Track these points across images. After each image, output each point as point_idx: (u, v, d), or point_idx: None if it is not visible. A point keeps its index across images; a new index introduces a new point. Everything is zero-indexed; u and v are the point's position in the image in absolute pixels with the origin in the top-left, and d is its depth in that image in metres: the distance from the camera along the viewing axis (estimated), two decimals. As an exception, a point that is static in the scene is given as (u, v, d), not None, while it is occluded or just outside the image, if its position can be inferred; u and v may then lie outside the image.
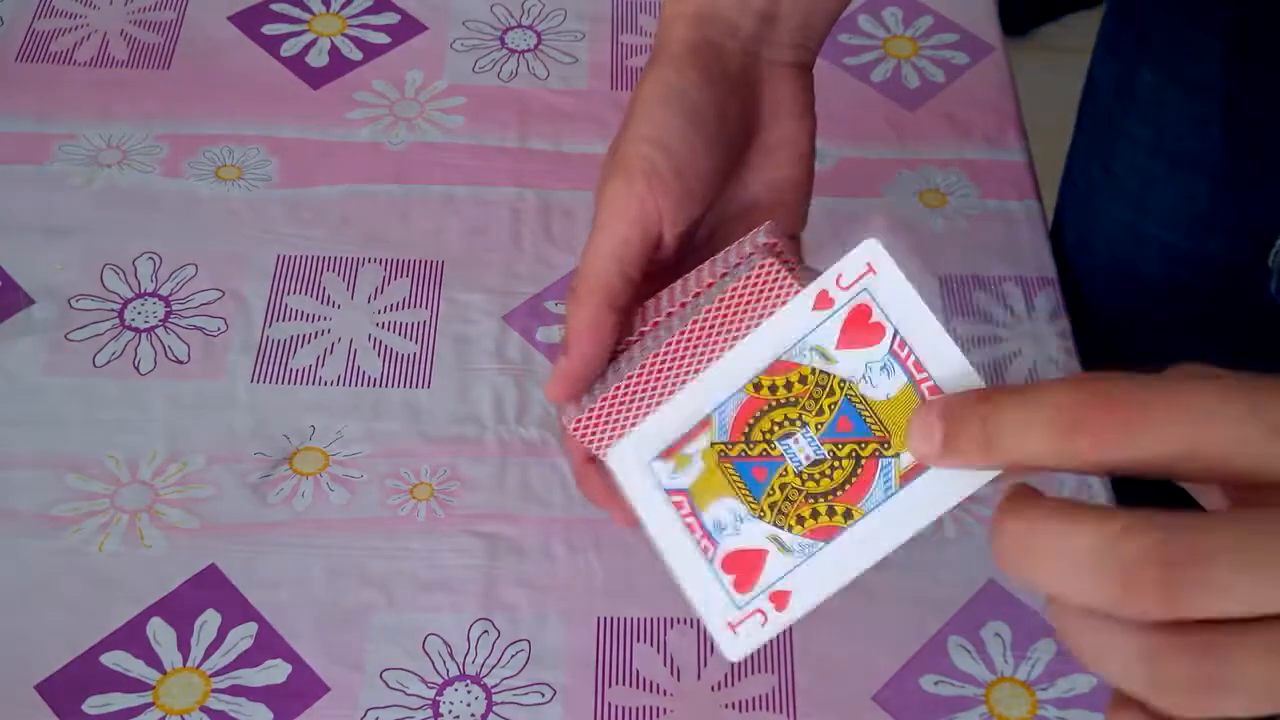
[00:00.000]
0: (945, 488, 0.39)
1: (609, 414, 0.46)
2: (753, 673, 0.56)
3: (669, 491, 0.43)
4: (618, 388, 0.46)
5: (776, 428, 0.42)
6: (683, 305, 0.48)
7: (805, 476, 0.41)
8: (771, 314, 0.43)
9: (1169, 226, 0.72)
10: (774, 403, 0.42)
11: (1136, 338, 0.77)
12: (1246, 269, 0.69)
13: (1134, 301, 0.76)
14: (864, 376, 0.41)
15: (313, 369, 0.65)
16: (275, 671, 0.56)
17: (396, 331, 0.67)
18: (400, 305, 0.68)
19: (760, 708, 0.55)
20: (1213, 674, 0.30)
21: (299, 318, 0.67)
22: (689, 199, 0.49)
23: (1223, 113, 0.65)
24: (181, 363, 0.65)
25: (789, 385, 0.42)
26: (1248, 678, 0.30)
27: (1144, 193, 0.72)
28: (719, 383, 0.43)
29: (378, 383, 0.65)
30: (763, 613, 0.42)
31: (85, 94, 0.76)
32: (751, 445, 0.42)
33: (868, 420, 0.41)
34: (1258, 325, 0.71)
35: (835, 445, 0.41)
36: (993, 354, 0.67)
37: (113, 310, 0.67)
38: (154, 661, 0.56)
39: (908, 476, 0.40)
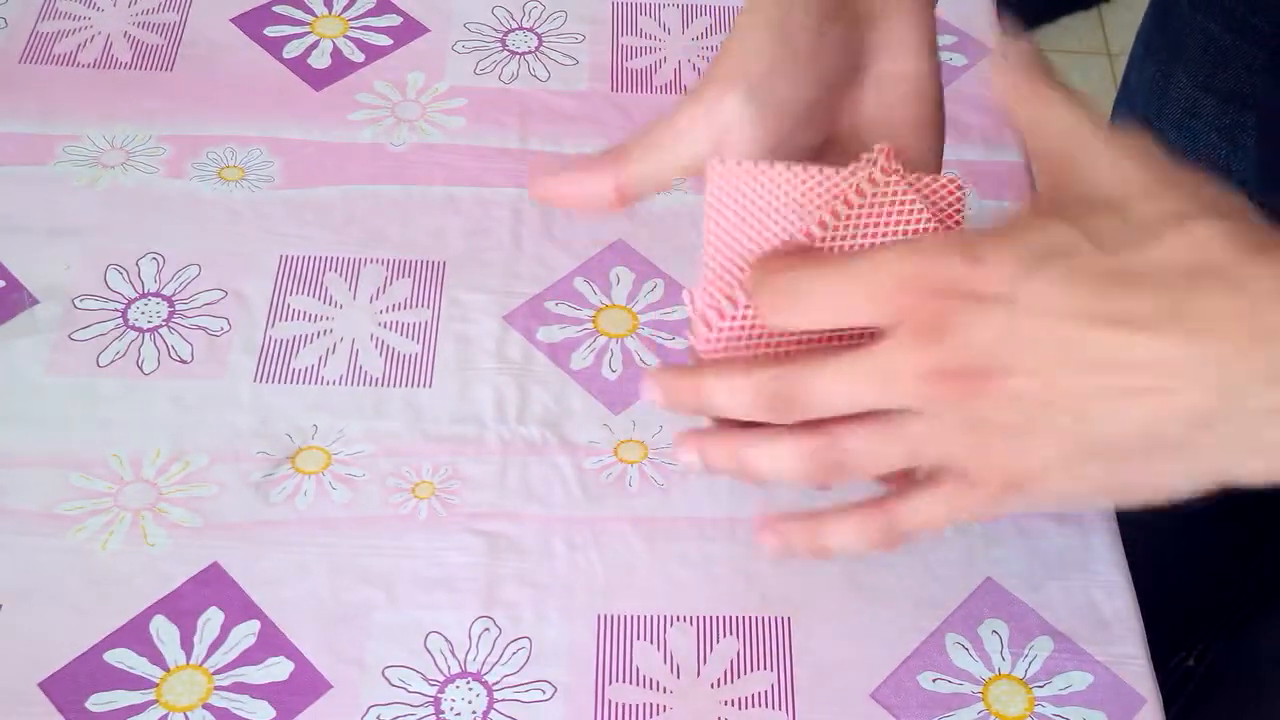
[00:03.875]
0: None
1: (737, 336, 0.47)
2: (752, 670, 0.57)
3: None
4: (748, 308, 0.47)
5: None
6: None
7: None
8: (897, 233, 0.46)
9: None
10: None
11: None
12: None
13: None
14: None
15: (315, 369, 0.65)
16: (278, 669, 0.56)
17: (398, 331, 0.67)
18: (402, 305, 0.68)
19: (759, 705, 0.56)
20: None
21: (301, 318, 0.67)
22: (770, 121, 0.48)
23: (1260, 122, 0.65)
24: (184, 362, 0.65)
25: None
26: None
27: None
28: None
29: (379, 382, 0.65)
30: None
31: (88, 95, 0.76)
32: None
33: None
34: None
35: None
36: (990, 354, 0.68)
37: (116, 310, 0.67)
38: (157, 659, 0.56)
39: None
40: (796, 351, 0.47)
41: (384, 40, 0.80)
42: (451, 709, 0.55)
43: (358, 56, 0.80)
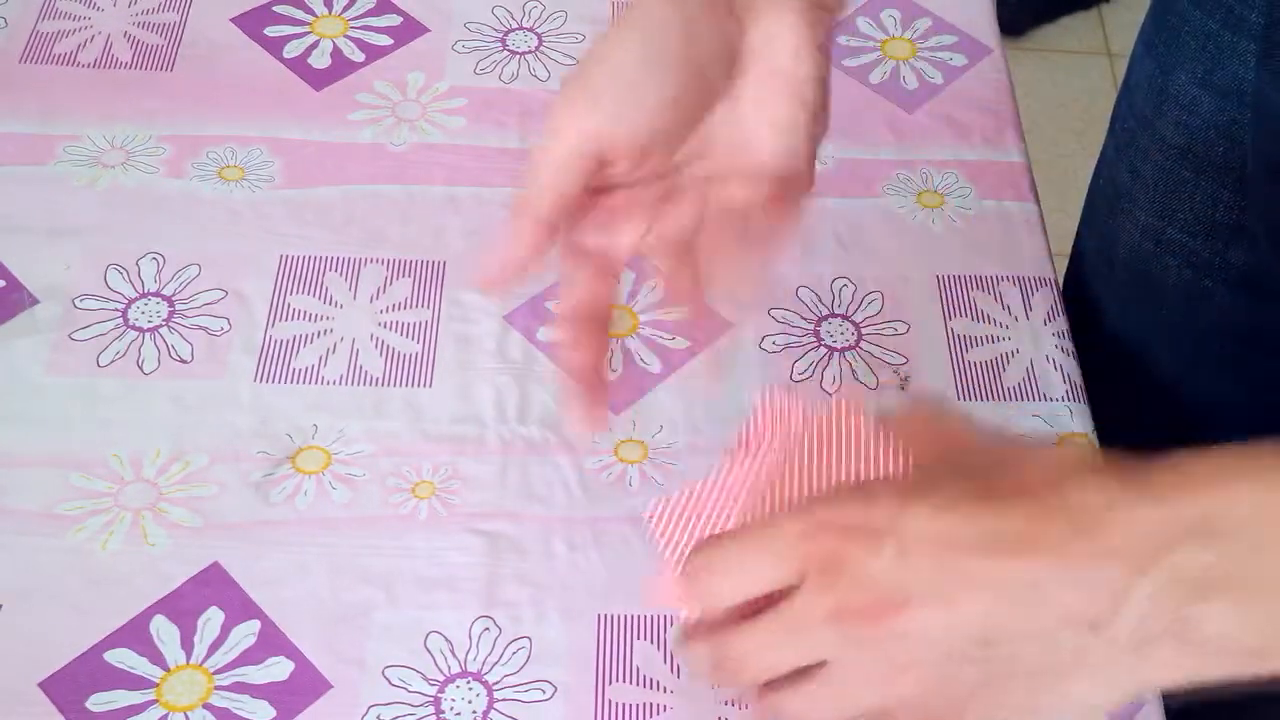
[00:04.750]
0: None
1: (682, 510, 0.51)
2: (752, 670, 0.57)
3: None
4: (695, 487, 0.51)
5: None
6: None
7: None
8: (847, 448, 0.50)
9: (1192, 233, 0.72)
10: None
11: (1153, 354, 0.77)
12: (1269, 278, 0.69)
13: (1151, 315, 0.76)
14: None
15: (315, 368, 0.66)
16: (278, 669, 0.56)
17: (398, 331, 0.67)
18: (402, 305, 0.68)
19: (759, 705, 0.56)
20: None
21: (301, 317, 0.67)
22: (634, 117, 0.50)
23: (1255, 118, 0.65)
24: (185, 362, 0.65)
25: None
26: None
27: (1169, 197, 0.72)
28: None
29: (380, 382, 0.65)
30: None
31: (89, 95, 0.76)
32: None
33: None
34: (1277, 335, 0.71)
35: None
36: (990, 353, 0.68)
37: (116, 310, 0.67)
38: (157, 659, 0.56)
39: None
40: None
41: (384, 40, 0.80)
42: (452, 709, 0.55)
43: (358, 56, 0.80)
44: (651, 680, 0.56)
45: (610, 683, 0.56)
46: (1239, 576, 0.41)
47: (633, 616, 0.58)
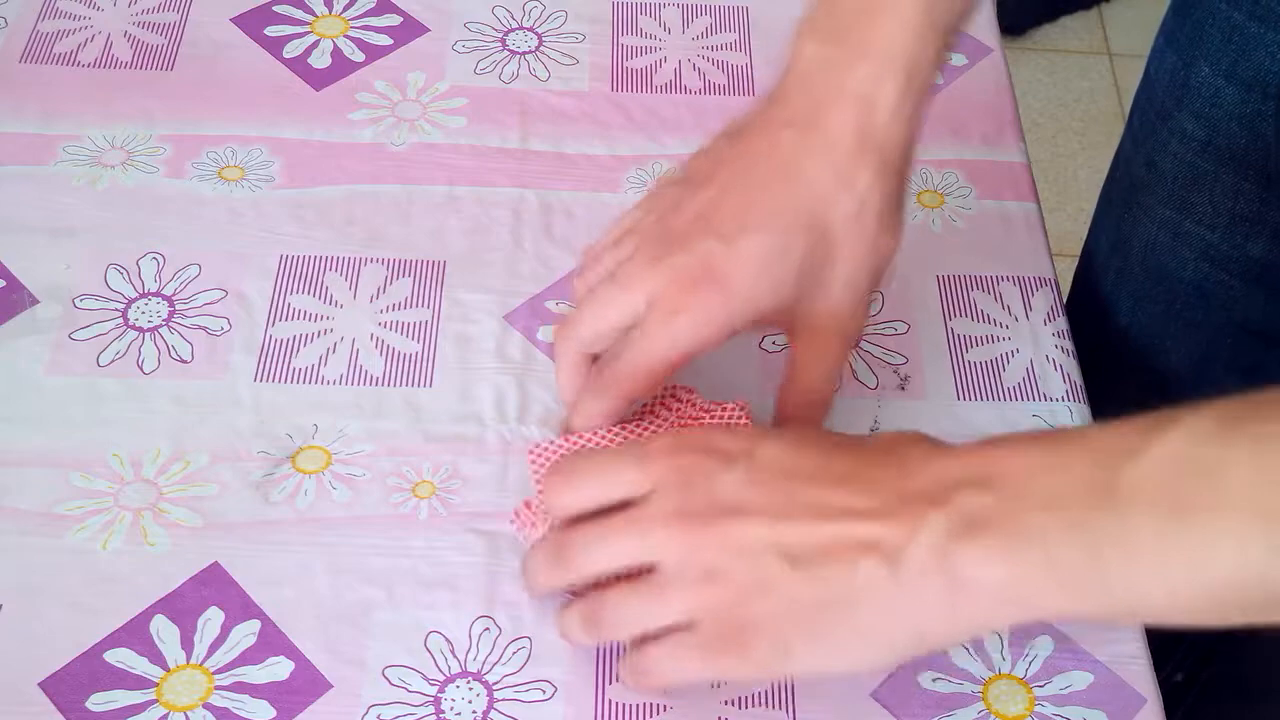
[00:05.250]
0: None
1: (554, 455, 0.59)
2: (752, 670, 0.57)
3: None
4: (567, 441, 0.59)
5: None
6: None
7: None
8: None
9: (1210, 225, 0.72)
10: None
11: (1164, 351, 0.77)
12: None
13: (1164, 310, 0.76)
14: None
15: (315, 368, 0.66)
16: (278, 668, 0.56)
17: (398, 331, 0.67)
18: (402, 305, 0.68)
19: (760, 704, 0.56)
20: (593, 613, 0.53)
21: (302, 317, 0.67)
22: (765, 301, 0.57)
23: (1277, 107, 0.65)
24: (185, 362, 0.65)
25: None
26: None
27: (1189, 190, 0.72)
28: None
29: (380, 382, 0.65)
30: None
31: (89, 95, 0.76)
32: None
33: None
34: None
35: None
36: (990, 353, 0.68)
37: (116, 310, 0.67)
38: (157, 659, 0.56)
39: None
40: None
41: (384, 40, 0.80)
42: (452, 709, 0.55)
43: (358, 56, 0.80)
44: (652, 680, 0.56)
45: (610, 682, 0.56)
46: (1001, 521, 0.46)
47: (633, 616, 0.58)
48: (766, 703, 0.56)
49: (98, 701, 0.55)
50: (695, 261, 0.56)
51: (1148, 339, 0.78)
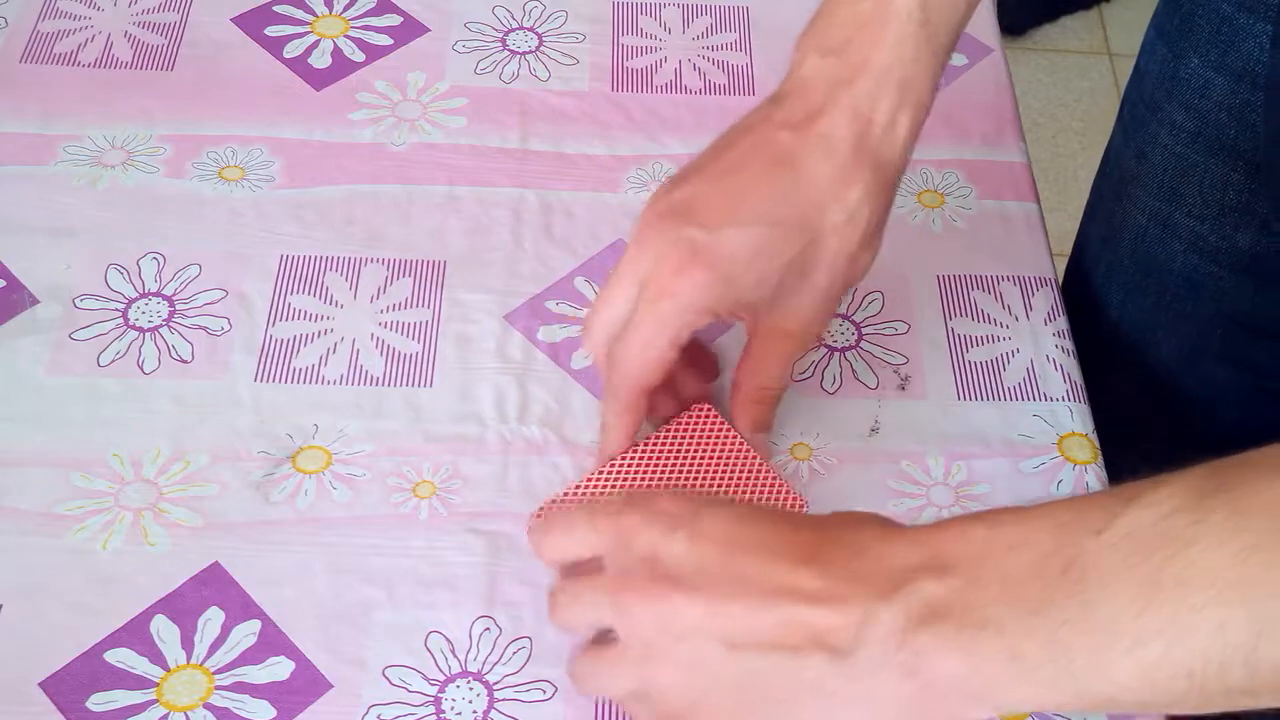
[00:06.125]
0: None
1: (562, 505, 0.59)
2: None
3: None
4: (566, 493, 0.59)
5: None
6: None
7: None
8: (703, 451, 0.60)
9: (1200, 217, 0.72)
10: None
11: (1154, 343, 0.77)
12: (1275, 262, 0.70)
13: (1154, 303, 0.76)
14: None
15: (315, 368, 0.66)
16: (278, 668, 0.56)
17: (399, 331, 0.67)
18: (402, 305, 0.68)
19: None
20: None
21: (302, 317, 0.67)
22: (754, 287, 0.57)
23: (1268, 99, 0.66)
24: (185, 362, 0.65)
25: None
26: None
27: (1178, 181, 0.72)
28: None
29: (380, 382, 0.65)
30: None
31: (89, 95, 0.76)
32: None
33: None
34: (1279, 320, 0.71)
35: None
36: (991, 353, 0.68)
37: (117, 310, 0.67)
38: (157, 659, 0.56)
39: None
40: None
41: (384, 40, 0.80)
42: (452, 708, 0.55)
43: (358, 56, 0.80)
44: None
45: (611, 682, 0.56)
46: (959, 607, 0.43)
47: (633, 616, 0.58)
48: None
49: (98, 701, 0.55)
50: (684, 246, 0.56)
51: (1138, 331, 0.78)
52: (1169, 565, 0.40)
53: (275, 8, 0.82)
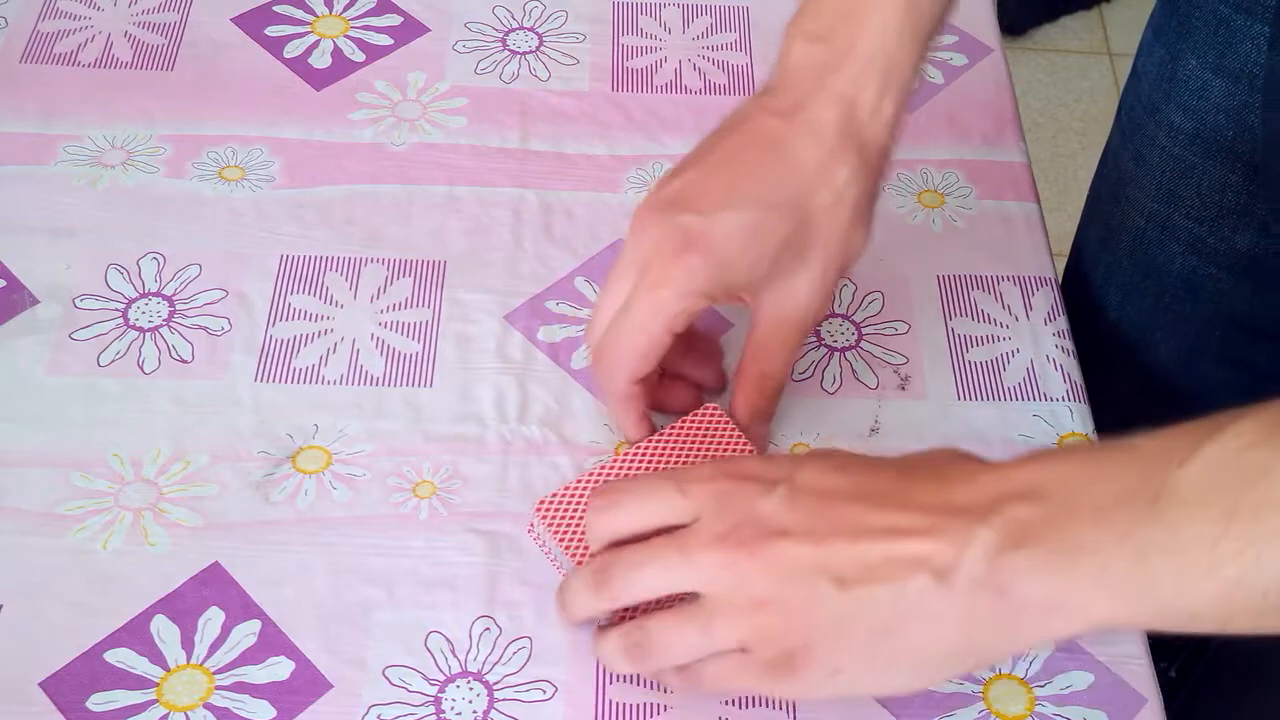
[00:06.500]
0: None
1: (565, 503, 0.58)
2: (752, 670, 0.57)
3: None
4: (575, 484, 0.59)
5: None
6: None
7: None
8: (709, 448, 0.60)
9: (1198, 218, 0.72)
10: None
11: (1153, 344, 0.77)
12: (1273, 264, 0.70)
13: (1152, 304, 0.76)
14: None
15: (316, 368, 0.66)
16: (278, 668, 0.56)
17: (399, 331, 0.67)
18: (402, 305, 0.68)
19: (760, 705, 0.56)
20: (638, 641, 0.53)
21: (302, 317, 0.67)
22: (747, 272, 0.58)
23: (1266, 100, 0.66)
24: (185, 362, 0.65)
25: None
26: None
27: (1176, 183, 0.72)
28: None
29: (380, 382, 0.65)
30: None
31: (89, 95, 0.76)
32: None
33: None
34: (1278, 322, 0.71)
35: None
36: (991, 353, 0.68)
37: (117, 310, 0.67)
38: (158, 659, 0.56)
39: None
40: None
41: (384, 40, 0.80)
42: (452, 708, 0.55)
43: (358, 56, 0.80)
44: (652, 681, 0.56)
45: (610, 682, 0.56)
46: (1049, 532, 0.46)
47: (633, 616, 0.58)
48: (767, 703, 0.56)
49: (98, 701, 0.55)
50: (678, 233, 0.57)
51: (1137, 332, 0.78)
52: (1249, 492, 0.43)
53: (275, 8, 0.82)
